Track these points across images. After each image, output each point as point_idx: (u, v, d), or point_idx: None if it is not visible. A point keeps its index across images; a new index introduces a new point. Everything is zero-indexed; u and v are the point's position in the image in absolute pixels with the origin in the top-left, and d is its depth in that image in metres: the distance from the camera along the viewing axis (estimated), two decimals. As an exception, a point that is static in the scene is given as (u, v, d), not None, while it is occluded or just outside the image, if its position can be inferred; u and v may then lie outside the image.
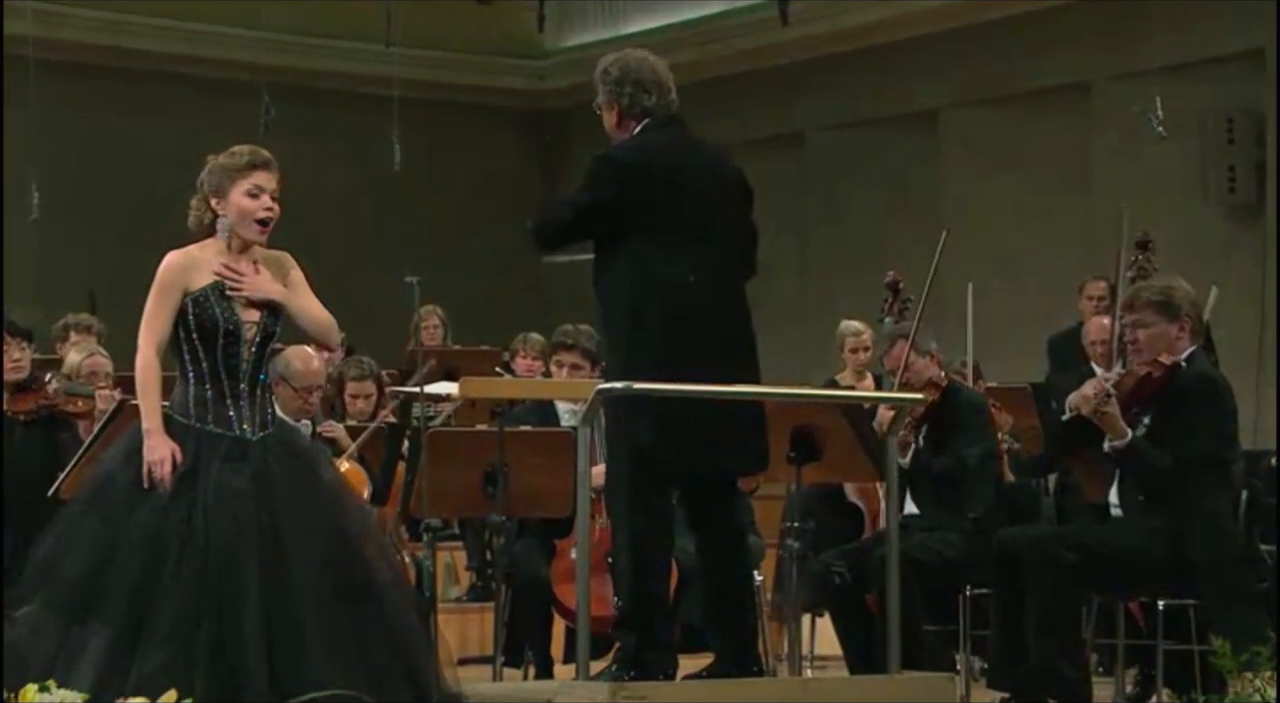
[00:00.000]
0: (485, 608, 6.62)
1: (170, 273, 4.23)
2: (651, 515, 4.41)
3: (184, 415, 4.20)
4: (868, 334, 7.62)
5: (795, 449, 5.14)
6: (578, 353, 5.89)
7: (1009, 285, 10.15)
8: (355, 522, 4.27)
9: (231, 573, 4.03)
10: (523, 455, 5.34)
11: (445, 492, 5.37)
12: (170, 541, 4.04)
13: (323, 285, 4.44)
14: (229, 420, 4.21)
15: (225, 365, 4.22)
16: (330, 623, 4.05)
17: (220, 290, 4.24)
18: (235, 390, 4.23)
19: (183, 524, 4.05)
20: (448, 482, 5.34)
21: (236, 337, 4.22)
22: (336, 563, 4.14)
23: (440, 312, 8.66)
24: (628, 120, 4.52)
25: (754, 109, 11.69)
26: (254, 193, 4.27)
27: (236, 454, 4.17)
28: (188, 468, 4.13)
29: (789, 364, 9.20)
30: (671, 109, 4.56)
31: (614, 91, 4.52)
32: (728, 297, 4.50)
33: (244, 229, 4.27)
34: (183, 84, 11.50)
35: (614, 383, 4.23)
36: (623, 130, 4.54)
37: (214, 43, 11.57)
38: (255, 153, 4.31)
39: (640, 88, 4.51)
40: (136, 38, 11.36)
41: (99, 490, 4.19)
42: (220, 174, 4.27)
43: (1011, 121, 10.89)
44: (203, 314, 4.21)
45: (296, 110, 10.84)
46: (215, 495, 4.09)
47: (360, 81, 11.86)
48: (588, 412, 4.16)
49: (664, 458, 4.37)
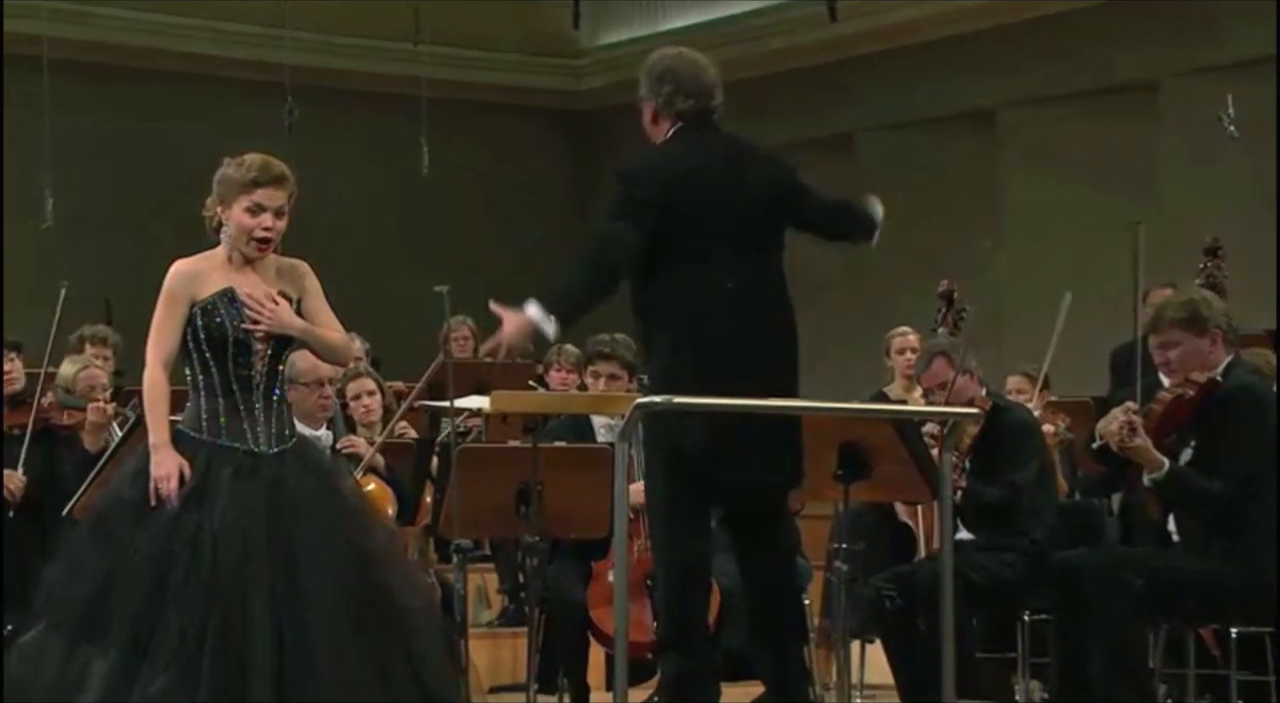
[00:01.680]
0: (518, 633, 6.64)
1: (177, 282, 4.27)
2: (692, 535, 4.42)
3: (195, 430, 4.23)
4: (915, 336, 7.61)
5: (843, 466, 5.14)
6: (615, 363, 5.91)
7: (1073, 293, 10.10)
8: (377, 543, 4.29)
9: (239, 595, 4.04)
10: (557, 473, 5.36)
11: (476, 511, 5.39)
12: (176, 561, 4.06)
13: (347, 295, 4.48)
14: (242, 434, 4.23)
15: (236, 377, 4.25)
16: (345, 650, 4.06)
17: (229, 298, 4.27)
18: (248, 403, 4.25)
19: (189, 544, 4.08)
20: (479, 500, 5.36)
21: (248, 347, 4.25)
22: (354, 587, 4.15)
23: (471, 322, 8.68)
24: (661, 120, 4.55)
25: (799, 110, 11.70)
26: (254, 210, 4.29)
27: (248, 469, 4.20)
28: (196, 484, 4.16)
29: (839, 379, 9.18)
30: (711, 114, 4.57)
31: (653, 88, 4.55)
32: (768, 304, 4.50)
33: (241, 246, 4.31)
34: (204, 85, 11.57)
35: (653, 397, 4.24)
36: (657, 129, 4.57)
37: (236, 42, 11.63)
38: (264, 168, 4.32)
39: (677, 90, 4.53)
40: (157, 37, 11.44)
41: (106, 511, 4.22)
42: (225, 185, 4.32)
43: (1074, 121, 10.86)
44: (211, 324, 4.24)
45: (321, 112, 10.90)
46: (224, 513, 4.12)
47: (387, 82, 11.92)
48: (625, 427, 4.17)
49: (704, 472, 4.38)
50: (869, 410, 5.65)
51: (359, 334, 7.96)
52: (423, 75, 11.37)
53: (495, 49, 12.64)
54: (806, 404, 4.66)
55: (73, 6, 11.11)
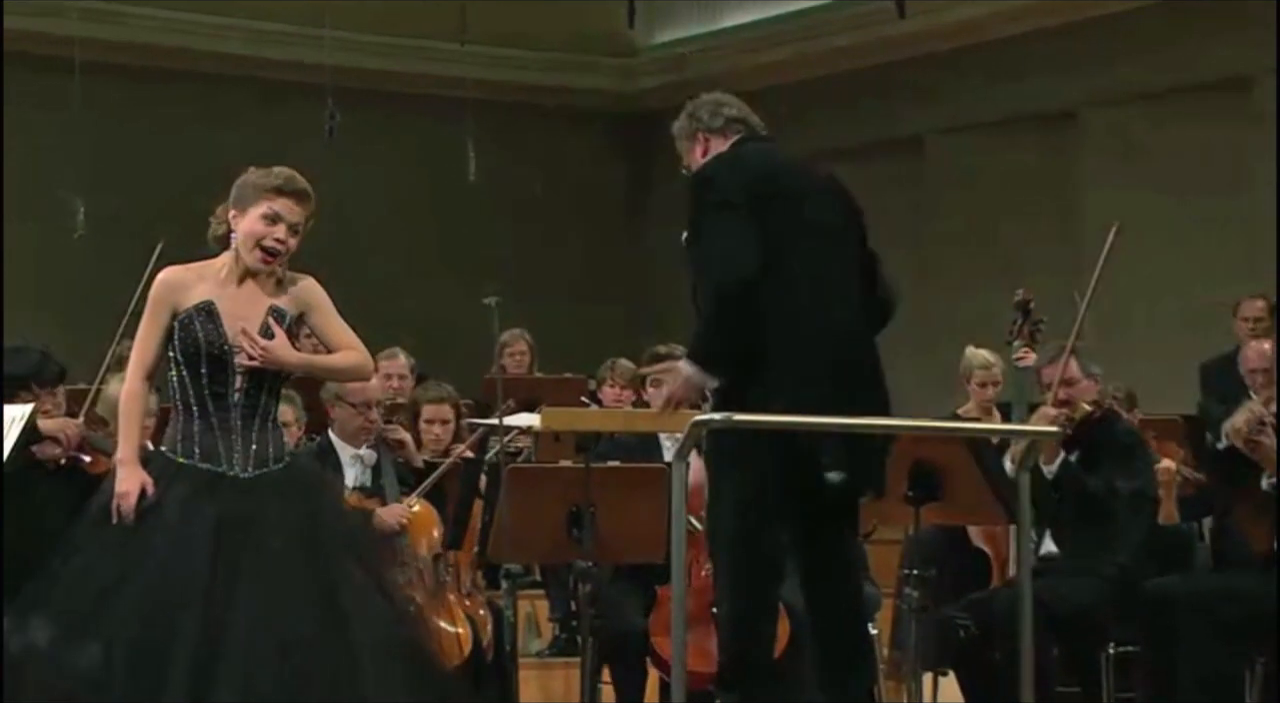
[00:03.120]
0: (570, 663, 6.63)
1: (161, 290, 4.26)
2: (758, 558, 4.41)
3: (170, 449, 4.23)
4: (999, 367, 7.55)
5: (914, 487, 5.13)
6: None
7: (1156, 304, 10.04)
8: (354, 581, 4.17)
9: (160, 624, 4.00)
10: (612, 494, 5.36)
11: (526, 534, 5.39)
12: (118, 586, 4.04)
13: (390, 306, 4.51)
14: (216, 455, 4.20)
15: (211, 394, 4.22)
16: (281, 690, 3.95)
17: (207, 312, 4.24)
18: (225, 422, 4.22)
19: (129, 568, 4.07)
20: (529, 523, 5.37)
21: (224, 364, 4.22)
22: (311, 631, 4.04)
23: (528, 337, 8.69)
24: (714, 140, 4.57)
25: (865, 110, 11.66)
26: (270, 218, 4.27)
27: (203, 492, 4.16)
28: (151, 505, 4.14)
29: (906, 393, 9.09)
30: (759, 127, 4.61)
31: (691, 121, 4.60)
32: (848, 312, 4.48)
33: (245, 252, 4.27)
34: (242, 87, 11.65)
35: (711, 414, 4.23)
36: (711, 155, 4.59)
37: (274, 42, 11.70)
38: (290, 179, 4.31)
39: (716, 104, 4.59)
40: (191, 37, 11.52)
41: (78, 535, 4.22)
42: (248, 187, 4.30)
43: (1160, 121, 10.77)
44: (187, 337, 4.23)
45: (363, 115, 10.96)
46: (163, 536, 4.09)
47: (432, 83, 11.97)
48: (683, 445, 4.16)
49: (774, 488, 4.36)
50: (942, 429, 5.62)
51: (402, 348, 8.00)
52: (469, 76, 11.41)
53: (545, 48, 12.67)
54: (876, 421, 4.63)
55: (104, 6, 11.20)
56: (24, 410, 5.41)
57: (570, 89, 12.81)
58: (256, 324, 4.27)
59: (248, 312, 4.27)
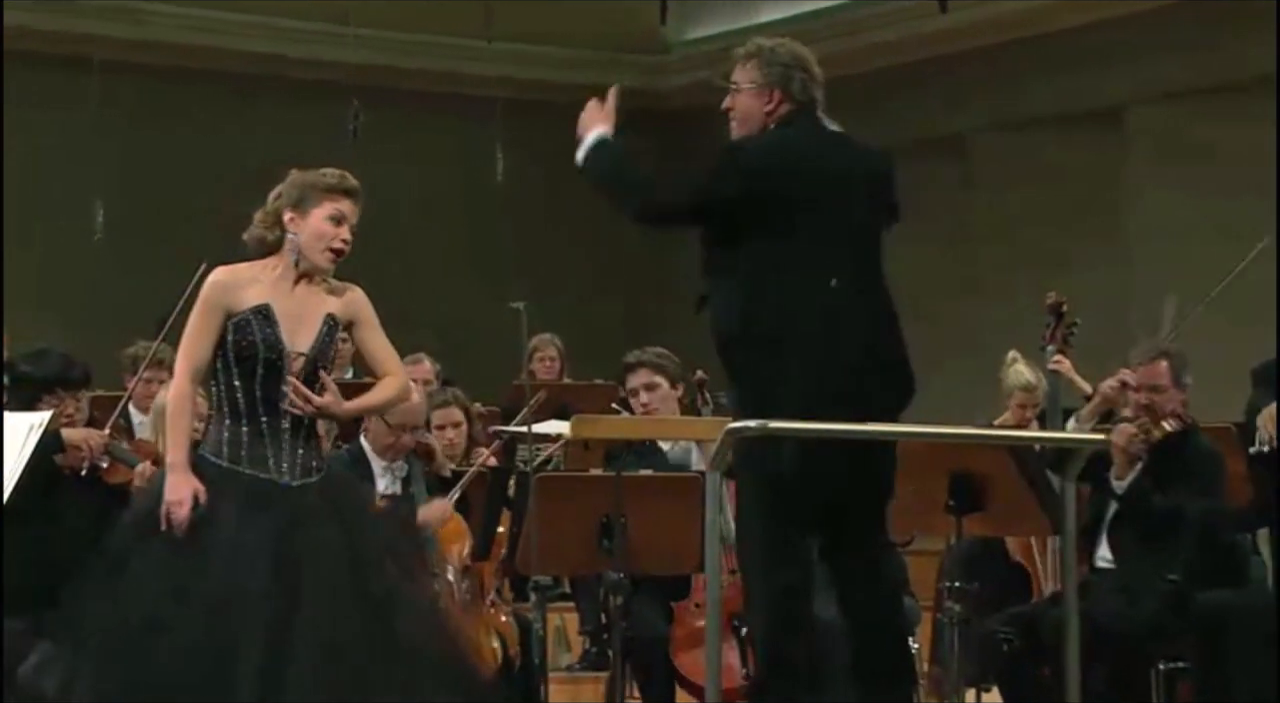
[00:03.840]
0: (600, 677, 6.64)
1: (214, 291, 4.29)
2: (789, 566, 4.40)
3: (216, 454, 4.26)
4: (1042, 390, 7.53)
5: (955, 497, 5.11)
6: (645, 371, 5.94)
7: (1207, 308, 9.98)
8: (398, 592, 4.23)
9: (227, 642, 4.03)
10: (644, 504, 5.36)
11: (555, 545, 5.40)
12: (170, 600, 4.07)
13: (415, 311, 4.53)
14: (264, 462, 4.24)
15: (264, 400, 4.26)
16: None
17: (265, 314, 4.28)
18: (275, 428, 4.26)
19: (185, 579, 4.09)
20: (558, 534, 5.38)
21: (279, 368, 4.27)
22: (363, 640, 4.11)
23: (559, 343, 8.71)
24: (785, 109, 4.53)
25: (906, 108, 11.64)
26: (336, 218, 4.34)
27: (259, 502, 4.20)
28: (202, 515, 4.16)
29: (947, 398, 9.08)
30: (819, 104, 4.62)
31: (782, 74, 4.53)
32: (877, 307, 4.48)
33: (314, 254, 4.33)
34: (264, 86, 11.70)
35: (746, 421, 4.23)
36: (767, 117, 4.55)
37: (298, 41, 11.75)
38: (346, 179, 4.40)
39: (814, 80, 4.56)
40: (214, 35, 11.56)
41: (122, 545, 4.24)
42: (306, 188, 4.35)
43: (1211, 118, 10.71)
44: (243, 340, 4.26)
45: (387, 114, 10.99)
46: (223, 547, 4.12)
47: (458, 81, 12.00)
48: (716, 454, 4.15)
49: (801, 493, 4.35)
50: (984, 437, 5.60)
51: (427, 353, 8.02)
52: (496, 74, 11.43)
53: (574, 45, 12.68)
54: (914, 429, 4.63)
55: (123, 4, 11.26)
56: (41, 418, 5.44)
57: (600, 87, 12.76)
58: (313, 330, 4.32)
59: (303, 315, 4.32)
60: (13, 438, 5.08)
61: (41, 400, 5.73)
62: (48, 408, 5.69)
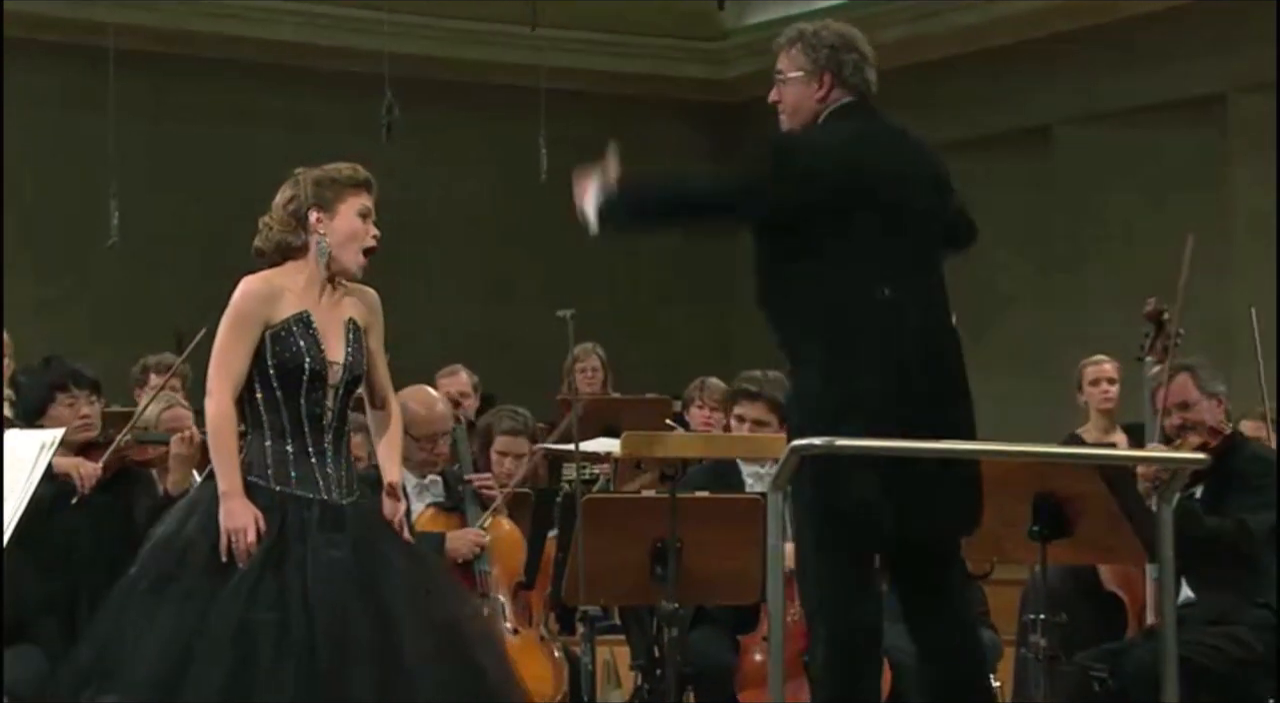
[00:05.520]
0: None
1: (249, 302, 4.31)
2: (856, 599, 4.40)
3: (261, 477, 4.28)
4: (1111, 365, 7.51)
5: (1039, 522, 5.09)
6: (762, 405, 5.91)
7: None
8: (460, 604, 4.39)
9: (341, 671, 4.08)
10: (700, 528, 5.37)
11: (604, 573, 5.42)
12: (261, 632, 4.10)
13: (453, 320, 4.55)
14: (313, 482, 4.28)
15: (309, 415, 4.30)
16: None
17: (305, 323, 4.31)
18: (319, 445, 4.30)
19: (275, 611, 4.12)
20: (608, 560, 5.39)
21: (323, 378, 4.31)
22: (446, 654, 4.21)
23: (600, 351, 8.74)
24: (837, 94, 4.52)
25: (985, 98, 11.63)
26: (364, 213, 4.38)
27: (330, 522, 4.24)
28: (272, 540, 4.20)
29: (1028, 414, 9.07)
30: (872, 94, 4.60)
31: (830, 57, 4.51)
32: (935, 320, 4.49)
33: (347, 255, 4.36)
34: (291, 78, 11.77)
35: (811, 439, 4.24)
36: (809, 107, 4.55)
37: (327, 28, 11.81)
38: (361, 170, 4.42)
39: (864, 61, 4.52)
40: (237, 22, 11.64)
41: (170, 566, 4.25)
42: (328, 186, 4.37)
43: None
44: (285, 352, 4.29)
45: (424, 108, 11.05)
46: (315, 574, 4.16)
47: (499, 72, 12.05)
48: (779, 474, 4.16)
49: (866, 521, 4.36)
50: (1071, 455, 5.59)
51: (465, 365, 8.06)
52: (541, 64, 11.47)
53: (625, 33, 12.72)
54: (995, 447, 4.62)
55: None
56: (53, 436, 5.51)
57: (653, 77, 12.84)
58: (340, 337, 4.36)
59: (329, 322, 4.37)
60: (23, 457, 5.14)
61: (55, 401, 5.81)
62: (61, 408, 5.77)
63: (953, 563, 4.61)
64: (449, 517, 5.89)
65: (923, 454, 4.32)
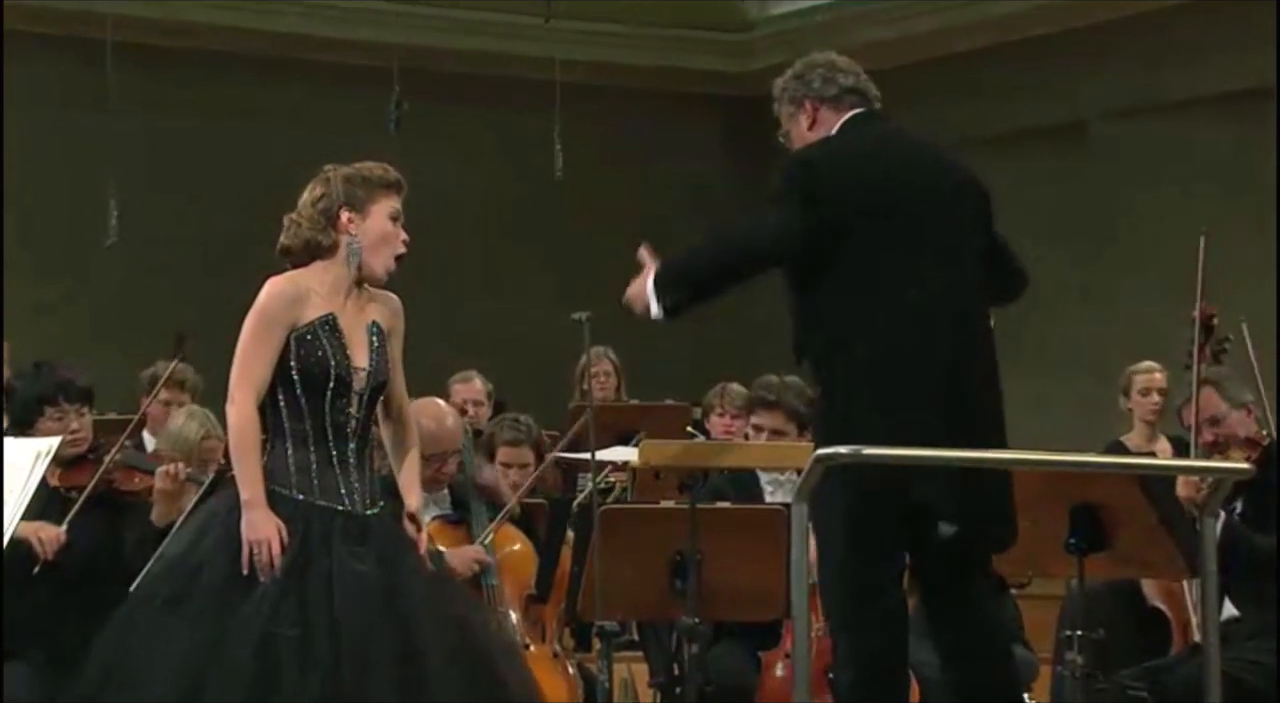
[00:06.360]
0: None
1: (276, 304, 4.31)
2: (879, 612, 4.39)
3: (283, 485, 4.29)
4: (1162, 373, 7.50)
5: (1076, 534, 5.08)
6: (780, 413, 5.91)
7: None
8: (482, 619, 4.47)
9: (365, 688, 4.09)
10: (721, 540, 5.37)
11: (622, 586, 5.42)
12: (284, 650, 4.10)
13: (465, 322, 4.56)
14: (336, 492, 4.29)
15: (333, 422, 4.31)
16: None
17: (331, 326, 4.33)
18: (342, 453, 4.31)
19: (298, 628, 4.12)
20: (625, 573, 5.40)
21: (347, 385, 4.32)
22: (469, 668, 4.22)
23: (613, 356, 8.75)
24: (825, 112, 4.59)
25: (1017, 92, 11.60)
26: (395, 216, 4.40)
27: (355, 534, 4.25)
28: (295, 552, 4.20)
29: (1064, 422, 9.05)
30: (876, 103, 4.65)
31: (800, 86, 4.63)
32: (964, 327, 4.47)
33: (378, 259, 4.37)
34: (294, 71, 11.78)
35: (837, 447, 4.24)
36: (818, 132, 4.61)
37: (333, 19, 11.81)
38: (393, 172, 4.45)
39: (830, 69, 4.62)
40: (238, 14, 11.65)
41: (185, 584, 4.24)
42: (360, 184, 4.38)
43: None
44: (310, 356, 4.30)
45: (433, 102, 11.05)
46: (340, 588, 4.16)
47: (512, 64, 12.05)
48: (804, 483, 4.16)
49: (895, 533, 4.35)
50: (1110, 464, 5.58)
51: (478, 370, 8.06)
52: (555, 57, 11.47)
53: (643, 23, 12.70)
54: (1030, 455, 4.62)
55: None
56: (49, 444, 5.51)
57: (672, 70, 12.83)
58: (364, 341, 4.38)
59: (353, 326, 4.38)
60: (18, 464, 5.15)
61: (43, 414, 5.80)
62: (50, 421, 5.77)
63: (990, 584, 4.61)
64: (454, 529, 5.89)
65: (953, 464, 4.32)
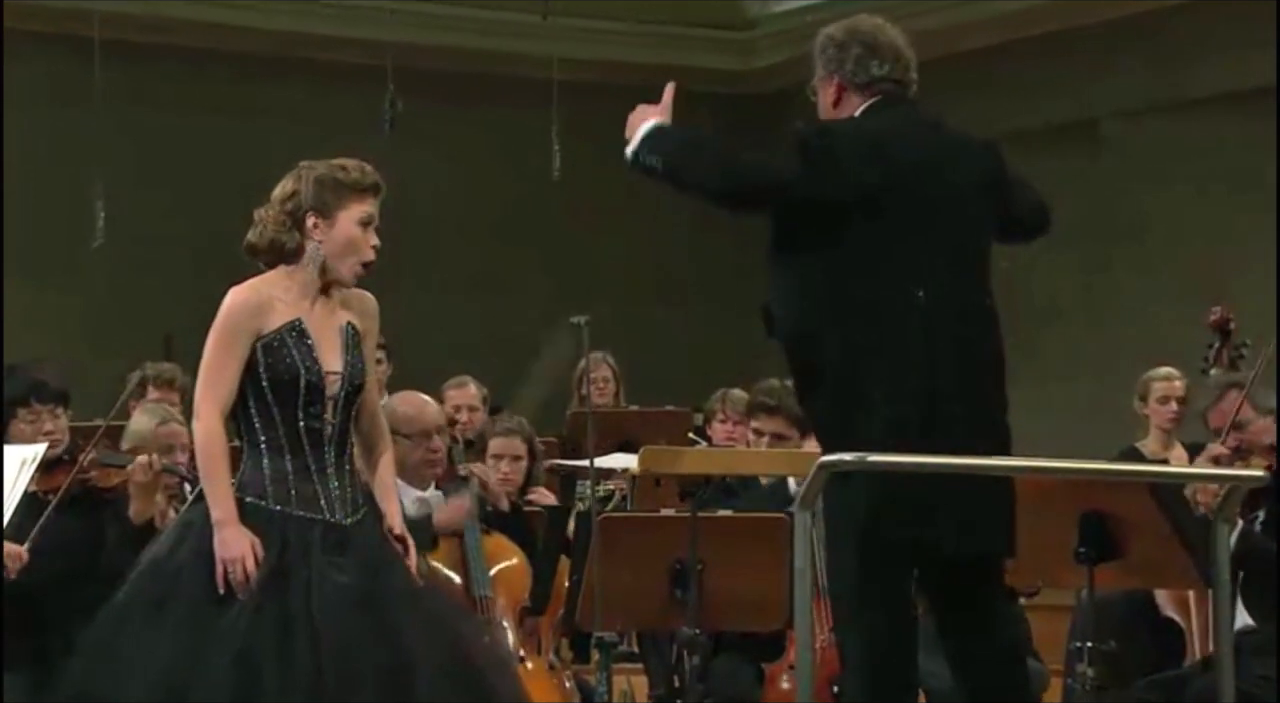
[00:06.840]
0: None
1: (237, 316, 4.29)
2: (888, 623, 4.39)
3: (259, 497, 4.28)
4: (1181, 381, 7.49)
5: (1086, 543, 5.08)
6: (781, 418, 5.90)
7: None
8: (471, 628, 4.44)
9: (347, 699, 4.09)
10: (723, 548, 5.36)
11: (621, 596, 5.42)
12: (264, 662, 4.10)
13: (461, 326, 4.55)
14: (315, 502, 4.28)
15: (307, 429, 4.29)
16: None
17: (299, 332, 4.30)
18: (319, 461, 4.30)
19: (278, 639, 4.12)
20: (624, 583, 5.40)
21: (320, 390, 4.30)
22: (457, 680, 4.22)
23: (611, 361, 8.75)
24: (850, 96, 4.54)
25: (1028, 90, 11.61)
26: (366, 221, 4.35)
27: (335, 544, 4.24)
28: (272, 566, 4.20)
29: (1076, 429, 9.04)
30: (909, 89, 4.58)
31: (837, 58, 4.55)
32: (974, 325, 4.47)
33: (343, 265, 4.34)
34: (287, 70, 11.79)
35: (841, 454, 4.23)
36: (841, 111, 4.57)
37: (326, 17, 11.82)
38: (369, 172, 4.40)
39: (870, 51, 4.53)
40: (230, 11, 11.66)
41: (165, 590, 4.24)
42: (330, 187, 4.35)
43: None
44: (278, 363, 4.29)
45: (429, 101, 11.06)
46: (320, 600, 4.16)
47: (509, 62, 12.05)
48: (807, 491, 4.15)
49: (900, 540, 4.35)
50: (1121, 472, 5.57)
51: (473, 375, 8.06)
52: (553, 54, 11.48)
53: (643, 21, 12.71)
54: (1038, 463, 4.61)
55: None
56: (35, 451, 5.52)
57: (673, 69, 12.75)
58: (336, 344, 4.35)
59: (323, 330, 4.36)
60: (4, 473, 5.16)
61: (16, 416, 5.81)
62: (23, 424, 5.78)
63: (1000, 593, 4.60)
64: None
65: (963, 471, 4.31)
